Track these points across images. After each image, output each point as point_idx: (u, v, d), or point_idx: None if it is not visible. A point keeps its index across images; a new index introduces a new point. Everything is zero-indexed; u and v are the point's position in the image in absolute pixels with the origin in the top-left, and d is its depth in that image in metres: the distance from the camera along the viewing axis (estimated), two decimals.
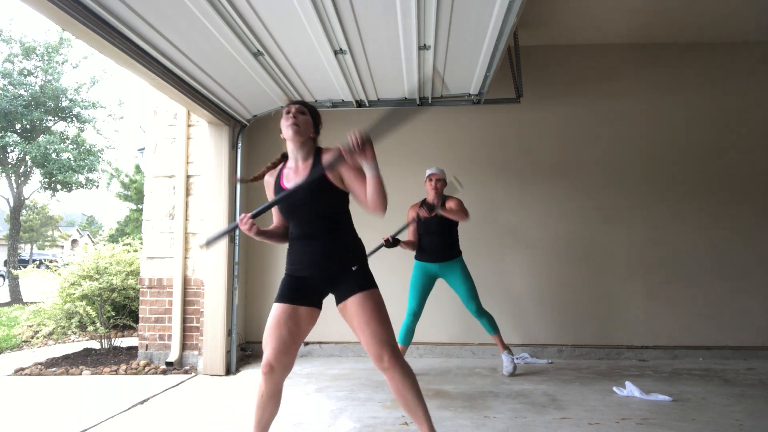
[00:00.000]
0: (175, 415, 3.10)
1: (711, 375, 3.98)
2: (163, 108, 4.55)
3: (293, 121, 2.09)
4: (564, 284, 4.74)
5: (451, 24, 3.03)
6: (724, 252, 4.68)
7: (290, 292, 2.09)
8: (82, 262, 4.93)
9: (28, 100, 11.81)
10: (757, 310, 4.60)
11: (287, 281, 2.13)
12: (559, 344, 4.67)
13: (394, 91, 4.19)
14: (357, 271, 2.07)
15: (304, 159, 2.14)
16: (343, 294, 2.06)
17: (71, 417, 3.01)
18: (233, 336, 4.24)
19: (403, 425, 2.82)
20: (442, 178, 3.92)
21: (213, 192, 4.25)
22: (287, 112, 2.12)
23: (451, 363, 4.45)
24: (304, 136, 2.12)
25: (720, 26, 4.60)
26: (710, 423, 2.84)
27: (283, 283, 2.13)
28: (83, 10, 2.52)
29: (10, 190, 12.89)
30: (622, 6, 4.24)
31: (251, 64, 3.41)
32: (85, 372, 4.20)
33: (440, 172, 3.93)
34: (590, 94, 4.90)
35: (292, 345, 2.04)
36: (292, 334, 2.04)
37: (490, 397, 3.38)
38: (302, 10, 2.77)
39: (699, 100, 4.85)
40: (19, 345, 5.77)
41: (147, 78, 3.31)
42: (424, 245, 3.92)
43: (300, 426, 2.84)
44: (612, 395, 3.39)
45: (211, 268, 4.20)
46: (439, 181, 3.89)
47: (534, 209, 4.83)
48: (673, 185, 4.77)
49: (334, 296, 2.12)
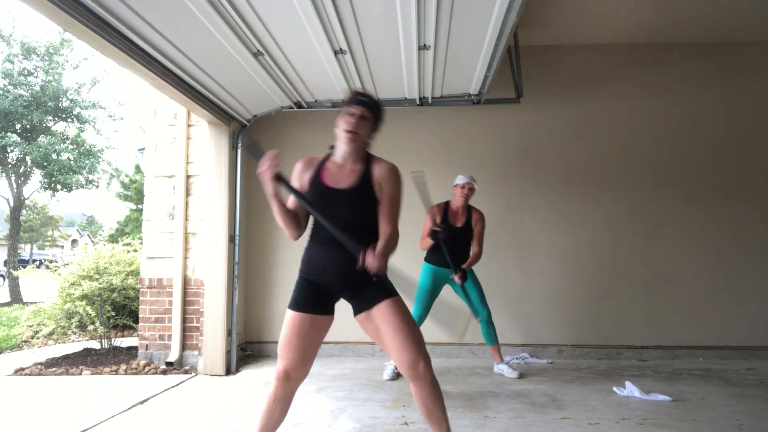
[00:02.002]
0: (175, 415, 3.10)
1: (711, 375, 3.98)
2: (163, 108, 4.54)
3: (353, 128, 2.00)
4: (564, 284, 4.74)
5: (451, 24, 3.03)
6: (724, 252, 4.68)
7: (308, 300, 2.00)
8: (82, 262, 4.93)
9: (28, 100, 11.81)
10: (757, 310, 4.61)
11: (304, 286, 2.03)
12: (559, 344, 4.67)
13: (394, 91, 4.19)
14: (378, 280, 1.97)
15: (353, 162, 2.05)
16: (366, 303, 1.97)
17: (71, 417, 3.01)
18: (233, 336, 4.24)
19: (403, 425, 2.82)
20: (475, 188, 3.91)
21: (213, 192, 4.25)
22: (351, 114, 2.02)
23: (451, 363, 4.45)
24: (361, 143, 2.05)
25: (720, 26, 4.60)
26: (710, 423, 2.84)
27: (300, 289, 2.03)
28: (84, 11, 2.52)
29: (10, 190, 12.88)
30: (622, 6, 4.24)
31: (251, 64, 3.41)
32: (85, 372, 4.20)
33: (473, 179, 3.90)
34: (590, 94, 4.90)
35: (310, 355, 2.00)
36: (312, 344, 2.00)
37: (490, 397, 3.38)
38: (302, 10, 2.77)
39: (699, 100, 4.84)
40: (19, 345, 5.77)
41: (147, 78, 3.31)
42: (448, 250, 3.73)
43: (300, 426, 2.84)
44: (612, 395, 3.39)
45: (211, 268, 4.20)
46: (471, 190, 3.88)
47: (533, 209, 4.83)
48: (673, 185, 4.77)
49: (353, 306, 2.03)
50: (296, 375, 1.98)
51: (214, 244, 4.21)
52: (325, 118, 2.37)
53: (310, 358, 2.01)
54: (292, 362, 1.96)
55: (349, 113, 2.03)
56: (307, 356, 1.99)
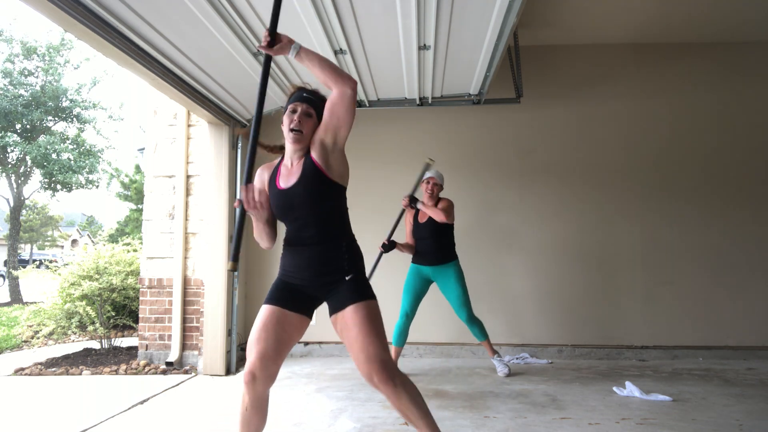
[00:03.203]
0: (175, 415, 3.10)
1: (711, 375, 3.98)
2: (163, 108, 4.54)
3: (297, 127, 1.92)
4: (564, 284, 4.74)
5: (451, 24, 3.03)
6: (724, 252, 4.68)
7: (281, 296, 1.94)
8: (82, 262, 4.93)
9: (28, 100, 11.81)
10: (757, 310, 4.60)
11: (279, 284, 1.99)
12: (559, 344, 4.67)
13: (394, 91, 4.20)
14: (351, 281, 1.91)
15: (298, 159, 1.97)
16: (335, 305, 1.91)
17: (71, 417, 3.01)
18: (233, 336, 4.24)
19: (403, 425, 2.82)
20: (439, 183, 3.92)
21: (213, 192, 4.25)
22: (293, 111, 1.95)
23: (451, 363, 4.45)
24: (306, 142, 1.94)
25: (720, 26, 4.59)
26: (710, 423, 2.84)
27: (275, 286, 1.99)
28: (84, 11, 2.52)
29: (10, 190, 12.89)
30: (622, 6, 4.24)
31: (251, 64, 3.41)
32: (85, 372, 4.20)
33: (438, 176, 3.93)
34: (590, 94, 4.90)
35: (278, 352, 1.87)
36: (280, 341, 1.87)
37: (490, 397, 3.38)
38: (302, 10, 2.77)
39: (699, 101, 4.84)
40: (19, 345, 5.77)
41: (147, 78, 3.31)
42: (418, 248, 3.96)
43: (300, 426, 2.84)
44: (612, 395, 3.39)
45: (211, 268, 4.20)
46: (435, 185, 3.90)
47: (534, 209, 4.83)
48: (673, 185, 4.77)
49: (328, 307, 1.97)
50: (262, 375, 1.83)
51: (214, 244, 4.21)
52: None
53: (277, 358, 1.87)
54: (258, 357, 1.83)
55: (292, 110, 1.96)
56: (273, 354, 1.85)
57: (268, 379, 1.87)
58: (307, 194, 1.90)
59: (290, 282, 1.98)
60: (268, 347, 1.85)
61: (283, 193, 1.94)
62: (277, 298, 1.94)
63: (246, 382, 1.85)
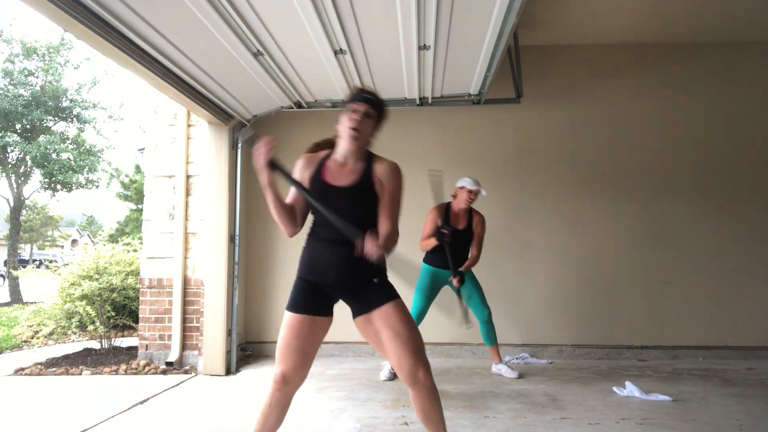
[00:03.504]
0: (175, 415, 3.10)
1: (711, 375, 3.98)
2: (163, 108, 4.54)
3: (356, 126, 1.95)
4: (564, 284, 4.74)
5: (451, 24, 3.02)
6: (724, 252, 4.68)
7: (307, 301, 1.95)
8: (82, 262, 4.93)
9: (28, 100, 11.80)
10: (757, 310, 4.61)
11: (302, 287, 1.98)
12: (559, 344, 4.67)
13: (394, 91, 4.19)
14: (379, 283, 1.96)
15: (355, 161, 2.01)
16: (365, 306, 1.94)
17: (71, 417, 3.01)
18: (233, 336, 4.24)
19: (403, 425, 2.82)
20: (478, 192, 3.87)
21: (213, 192, 4.25)
22: (353, 111, 1.98)
23: (451, 363, 4.45)
24: (363, 141, 2.01)
25: (720, 26, 4.59)
26: (710, 423, 2.84)
27: (298, 290, 1.98)
28: (83, 11, 2.52)
29: (10, 190, 12.88)
30: (622, 6, 4.24)
31: (251, 64, 3.41)
32: (85, 372, 4.20)
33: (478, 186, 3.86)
34: (590, 94, 4.90)
35: (309, 358, 1.95)
36: (311, 347, 1.95)
37: (490, 397, 3.38)
38: (302, 10, 2.77)
39: (699, 100, 4.84)
40: (19, 345, 5.77)
41: (147, 78, 3.31)
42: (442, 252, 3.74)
43: (300, 426, 2.84)
44: (612, 395, 3.39)
45: (211, 268, 4.20)
46: (477, 195, 3.87)
47: (533, 209, 4.83)
48: (673, 185, 4.77)
49: (352, 308, 2.00)
50: (294, 379, 1.93)
51: (214, 244, 4.21)
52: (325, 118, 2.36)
53: (309, 361, 1.96)
54: (291, 366, 1.91)
55: (353, 110, 1.98)
56: (306, 359, 1.94)
57: (299, 383, 1.96)
58: (354, 200, 1.96)
59: (312, 281, 1.99)
60: (302, 356, 1.93)
61: (331, 189, 1.96)
62: (305, 306, 1.96)
63: (276, 382, 1.92)
